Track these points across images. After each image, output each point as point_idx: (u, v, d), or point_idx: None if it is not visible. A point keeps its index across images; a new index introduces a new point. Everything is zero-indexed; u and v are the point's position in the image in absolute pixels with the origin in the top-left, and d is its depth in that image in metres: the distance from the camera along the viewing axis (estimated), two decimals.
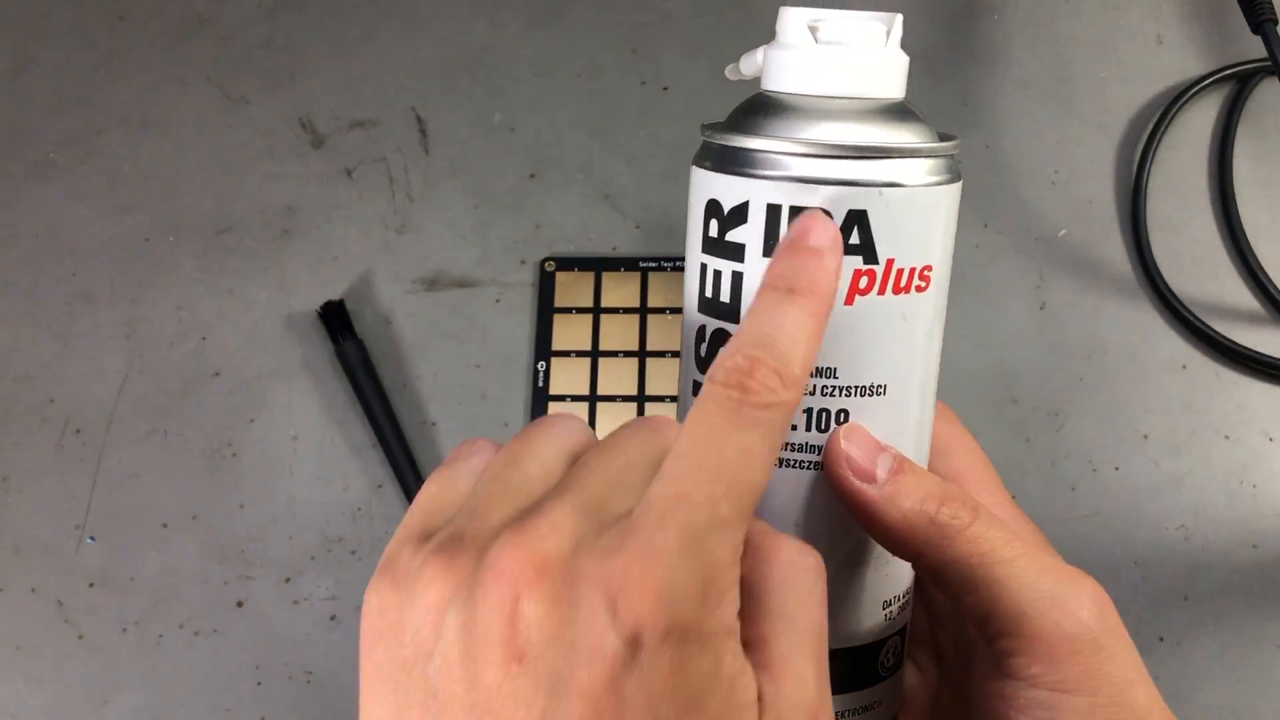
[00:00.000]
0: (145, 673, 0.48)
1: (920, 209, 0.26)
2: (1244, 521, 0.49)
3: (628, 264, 0.54)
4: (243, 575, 0.49)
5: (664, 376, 0.51)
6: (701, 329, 0.28)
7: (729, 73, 0.32)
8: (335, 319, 0.52)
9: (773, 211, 0.26)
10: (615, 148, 0.57)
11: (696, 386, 0.28)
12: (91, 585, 0.49)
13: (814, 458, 0.27)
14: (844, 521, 0.28)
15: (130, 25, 0.62)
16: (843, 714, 0.29)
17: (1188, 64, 0.57)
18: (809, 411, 0.27)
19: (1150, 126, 0.55)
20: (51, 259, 0.56)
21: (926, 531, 0.26)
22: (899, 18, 0.27)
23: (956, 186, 0.28)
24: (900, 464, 0.27)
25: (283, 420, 0.52)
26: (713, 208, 0.27)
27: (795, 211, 0.26)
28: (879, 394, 0.27)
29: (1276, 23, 0.50)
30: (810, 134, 0.26)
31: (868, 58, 0.27)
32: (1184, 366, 0.51)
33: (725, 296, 0.27)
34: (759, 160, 0.26)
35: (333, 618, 0.48)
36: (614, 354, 0.52)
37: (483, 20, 0.61)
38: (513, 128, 0.58)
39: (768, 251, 0.26)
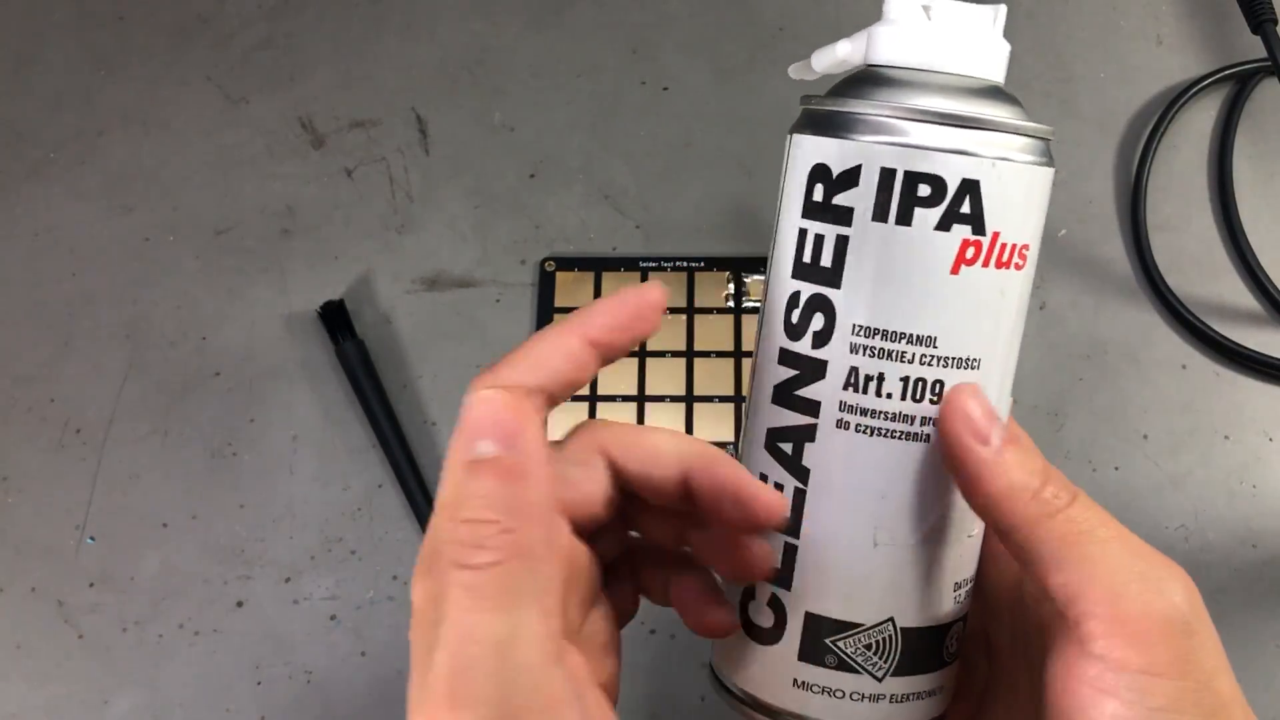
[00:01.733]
0: (145, 673, 0.48)
1: (1026, 186, 0.28)
2: (1244, 521, 0.49)
3: (628, 264, 0.54)
4: (243, 575, 0.49)
5: (664, 376, 0.51)
6: (795, 295, 0.28)
7: (795, 71, 0.33)
8: (335, 319, 0.52)
9: (886, 176, 0.27)
10: (615, 148, 0.57)
11: (783, 354, 0.28)
12: (91, 585, 0.49)
13: (907, 428, 0.28)
14: (930, 496, 0.28)
15: (130, 25, 0.62)
16: (908, 696, 0.29)
17: (1188, 64, 0.57)
18: (906, 380, 0.27)
19: (1150, 126, 0.55)
20: (51, 259, 0.56)
21: (1027, 506, 0.26)
22: (1003, 8, 0.29)
23: (1052, 172, 0.29)
24: (1013, 435, 0.27)
25: (283, 420, 0.52)
26: (820, 172, 0.27)
27: (909, 177, 0.26)
28: (973, 368, 0.28)
29: (1276, 23, 0.50)
30: (925, 105, 0.27)
31: (978, 38, 0.28)
32: (1184, 366, 0.51)
33: (826, 260, 0.27)
34: (875, 126, 0.27)
35: (333, 617, 0.48)
36: None
37: (483, 20, 0.61)
38: (513, 128, 0.58)
39: (877, 215, 0.27)
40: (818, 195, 0.28)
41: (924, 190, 0.27)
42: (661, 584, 0.31)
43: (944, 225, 0.27)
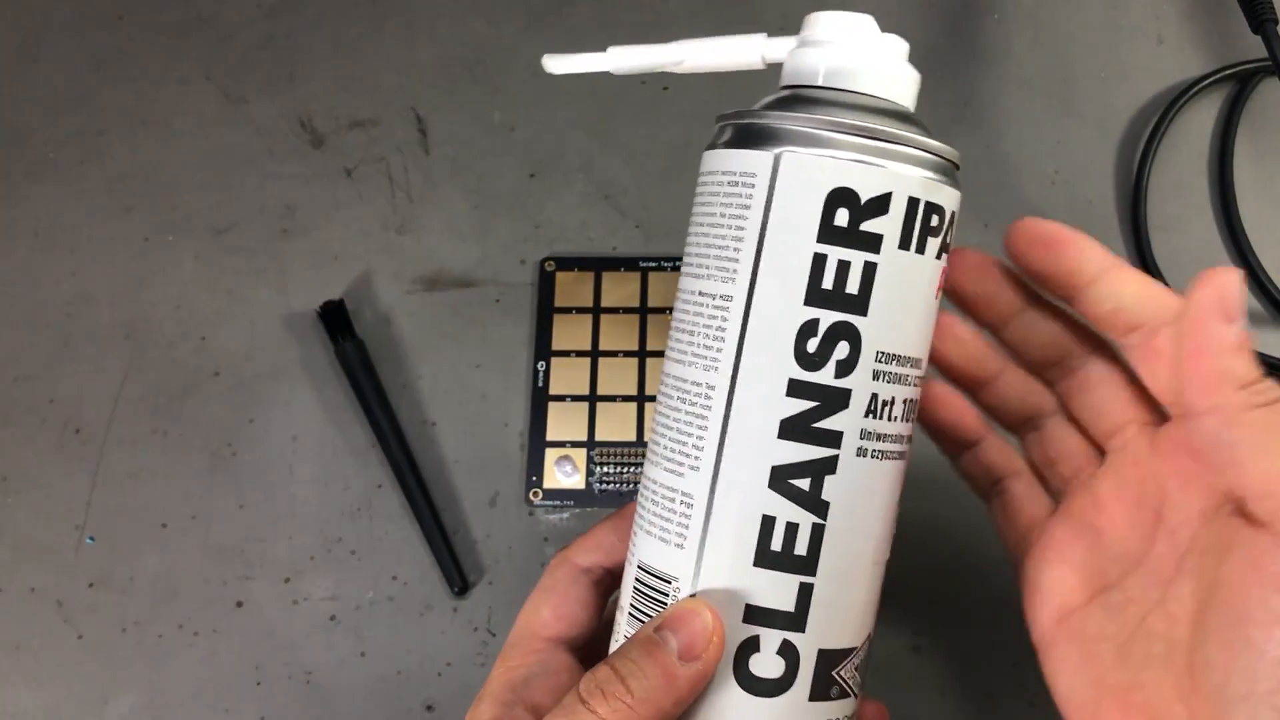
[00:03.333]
0: (145, 673, 0.48)
1: None
2: None
3: (628, 264, 0.54)
4: (242, 575, 0.49)
5: None
6: (812, 323, 0.27)
7: (554, 64, 0.35)
8: (335, 319, 0.52)
9: (912, 205, 0.28)
10: (615, 148, 0.57)
11: (796, 385, 0.28)
12: (91, 585, 0.49)
13: (902, 448, 0.29)
14: (897, 509, 0.30)
15: (130, 25, 0.62)
16: (859, 709, 0.30)
17: (1188, 64, 0.57)
18: (907, 401, 0.29)
19: (1150, 126, 0.55)
20: (51, 259, 0.56)
21: (1237, 394, 0.27)
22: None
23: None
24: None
25: (283, 420, 0.52)
26: (843, 197, 0.27)
27: (929, 207, 0.28)
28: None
29: (1277, 23, 0.50)
30: (927, 140, 0.29)
31: (906, 66, 0.31)
32: None
33: (853, 288, 0.28)
34: (904, 155, 0.28)
35: (332, 618, 0.48)
36: (614, 354, 0.52)
37: (482, 20, 0.61)
38: (513, 128, 0.58)
39: (903, 244, 0.28)
40: (841, 220, 0.27)
41: (934, 220, 0.28)
42: None
43: (939, 253, 0.29)
